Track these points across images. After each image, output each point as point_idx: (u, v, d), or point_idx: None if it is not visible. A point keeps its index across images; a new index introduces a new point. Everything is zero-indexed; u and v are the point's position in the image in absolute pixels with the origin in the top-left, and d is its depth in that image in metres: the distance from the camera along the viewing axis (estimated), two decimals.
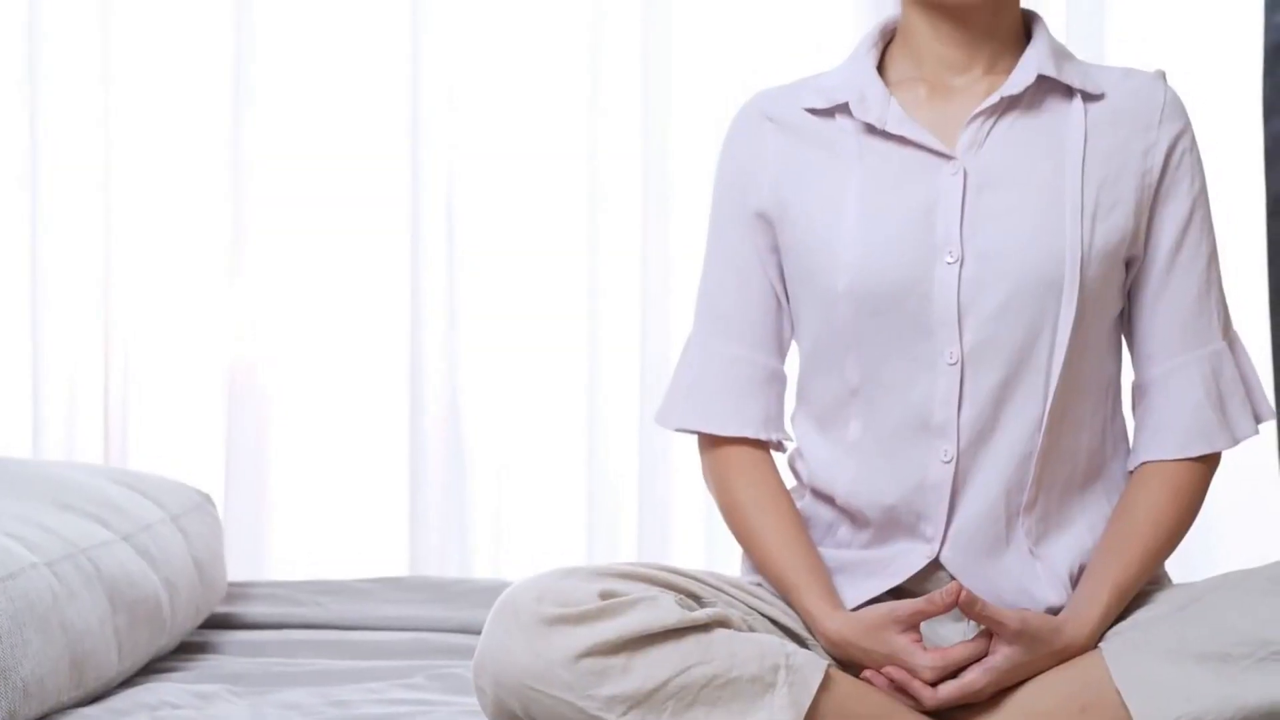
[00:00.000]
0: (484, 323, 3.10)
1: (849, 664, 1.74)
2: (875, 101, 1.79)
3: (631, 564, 1.72)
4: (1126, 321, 1.84)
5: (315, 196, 3.10)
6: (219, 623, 2.36)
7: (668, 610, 1.64)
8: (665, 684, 1.62)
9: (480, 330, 3.11)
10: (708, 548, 3.01)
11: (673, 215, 3.05)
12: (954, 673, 1.70)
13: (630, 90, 3.06)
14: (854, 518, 1.82)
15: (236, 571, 3.05)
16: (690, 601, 1.70)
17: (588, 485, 3.08)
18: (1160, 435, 1.80)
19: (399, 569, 3.06)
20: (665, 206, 3.06)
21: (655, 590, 1.67)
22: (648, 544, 3.05)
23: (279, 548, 3.12)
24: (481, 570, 3.07)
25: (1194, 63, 3.00)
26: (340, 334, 3.12)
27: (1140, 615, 1.74)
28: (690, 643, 1.64)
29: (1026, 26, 1.84)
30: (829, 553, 1.83)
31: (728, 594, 1.77)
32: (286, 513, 3.12)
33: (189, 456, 3.08)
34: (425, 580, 2.55)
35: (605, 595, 1.64)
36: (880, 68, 1.83)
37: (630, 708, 1.61)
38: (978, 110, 1.77)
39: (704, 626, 1.66)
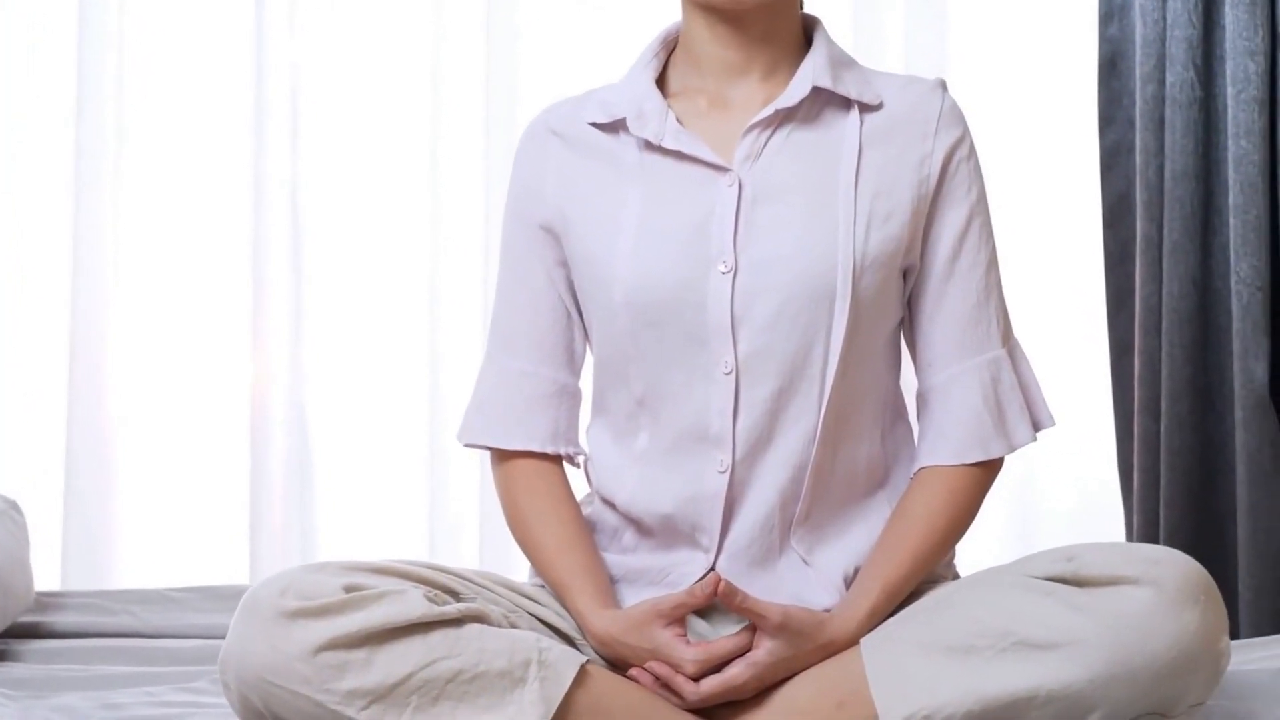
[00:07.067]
0: (328, 332, 3.10)
1: (620, 663, 1.73)
2: (653, 116, 1.78)
3: (390, 560, 1.70)
4: (908, 330, 1.84)
5: (158, 207, 3.10)
6: (24, 631, 2.33)
7: (413, 604, 1.62)
8: (408, 678, 1.60)
9: (324, 340, 3.10)
10: None
11: None
12: (719, 668, 1.69)
13: (473, 94, 3.06)
14: (637, 525, 1.82)
15: (80, 582, 3.02)
16: (445, 597, 1.68)
17: (429, 493, 3.07)
18: (939, 442, 1.80)
19: (241, 579, 3.04)
20: None
21: (405, 584, 1.65)
22: (489, 550, 3.04)
23: (122, 559, 3.09)
24: None
25: (1033, 74, 3.04)
26: (183, 345, 3.10)
27: (905, 611, 1.74)
28: (437, 637, 1.62)
29: (808, 32, 1.84)
30: (614, 558, 1.83)
31: (494, 592, 1.76)
32: (128, 524, 3.09)
33: (28, 468, 3.06)
34: (240, 589, 2.53)
35: (351, 589, 1.62)
36: (663, 76, 1.83)
37: (371, 702, 1.59)
38: (753, 122, 1.77)
39: (454, 621, 1.64)
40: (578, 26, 3.07)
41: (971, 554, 2.92)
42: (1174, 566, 1.61)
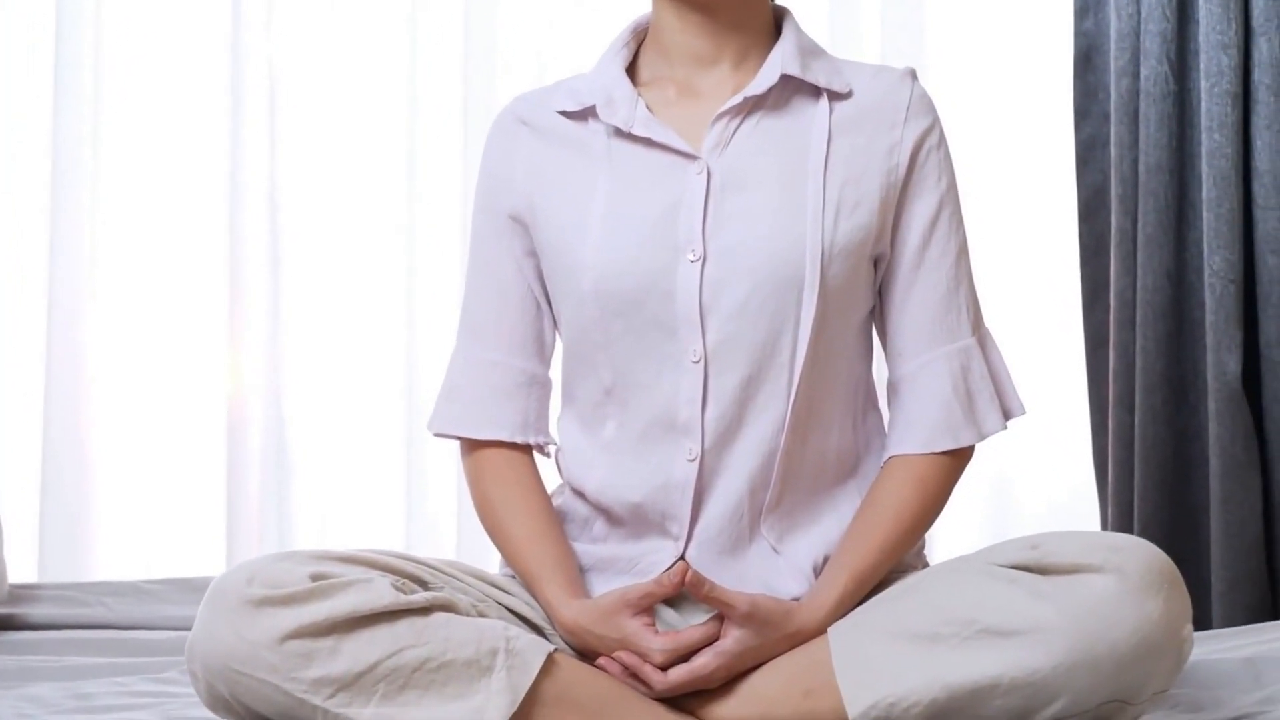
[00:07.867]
0: (305, 326, 3.10)
1: (589, 653, 1.73)
2: (622, 103, 1.78)
3: (359, 549, 1.70)
4: (878, 319, 1.84)
5: (136, 200, 3.10)
6: None
7: (381, 592, 1.61)
8: (375, 666, 1.60)
9: (301, 334, 3.10)
10: None
11: None
12: (687, 657, 1.69)
13: (450, 90, 3.06)
14: (607, 514, 1.82)
15: (58, 575, 3.02)
16: (412, 585, 1.67)
17: (406, 487, 3.07)
18: (908, 431, 1.80)
19: (217, 571, 3.03)
20: None
21: (373, 573, 1.64)
22: (466, 543, 3.04)
23: (99, 552, 3.09)
24: None
25: (1008, 68, 3.05)
26: (161, 339, 3.11)
27: (872, 600, 1.74)
28: (404, 625, 1.61)
29: (778, 21, 1.84)
30: (584, 548, 1.83)
31: (462, 582, 1.76)
32: (105, 517, 3.09)
33: (5, 461, 3.06)
34: (211, 581, 2.52)
35: (318, 577, 1.62)
36: (633, 66, 1.84)
37: (338, 690, 1.59)
38: (722, 110, 1.77)
39: (421, 610, 1.63)
40: (555, 23, 3.07)
41: (946, 546, 2.94)
42: (1137, 554, 1.61)
